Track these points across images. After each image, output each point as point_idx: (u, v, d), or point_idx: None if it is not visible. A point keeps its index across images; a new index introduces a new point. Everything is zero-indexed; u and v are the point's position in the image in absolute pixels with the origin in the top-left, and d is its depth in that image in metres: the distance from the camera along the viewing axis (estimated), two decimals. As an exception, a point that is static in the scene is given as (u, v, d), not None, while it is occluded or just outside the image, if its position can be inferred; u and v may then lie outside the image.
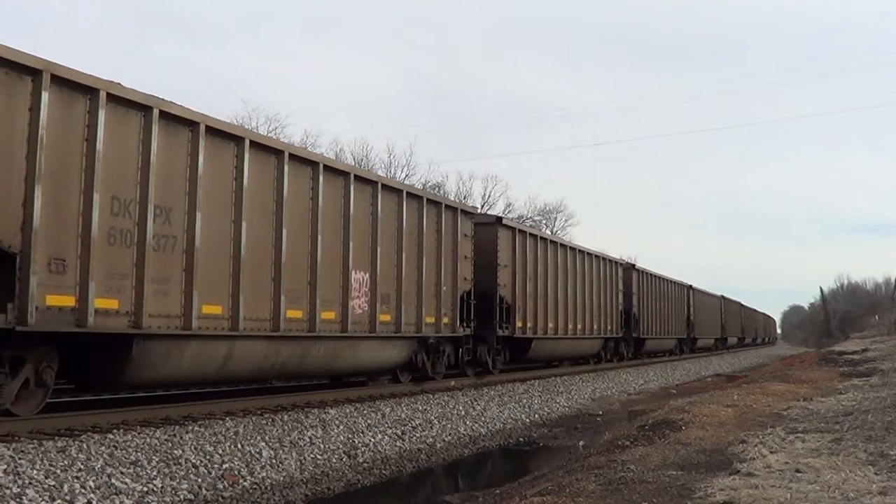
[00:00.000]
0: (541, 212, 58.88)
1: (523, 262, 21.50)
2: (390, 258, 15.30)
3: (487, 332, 19.54)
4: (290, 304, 12.42)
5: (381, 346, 15.25)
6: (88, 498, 7.75)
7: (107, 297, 9.41)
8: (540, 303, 22.59)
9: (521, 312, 21.09)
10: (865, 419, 10.10)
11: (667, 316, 39.32)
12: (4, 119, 8.42)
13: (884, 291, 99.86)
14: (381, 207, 14.96)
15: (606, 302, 29.36)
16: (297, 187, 12.71)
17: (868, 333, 64.07)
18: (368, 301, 14.53)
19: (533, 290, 22.10)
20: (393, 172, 46.85)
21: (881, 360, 23.93)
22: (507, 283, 20.36)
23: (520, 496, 7.44)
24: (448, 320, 17.43)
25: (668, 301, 39.78)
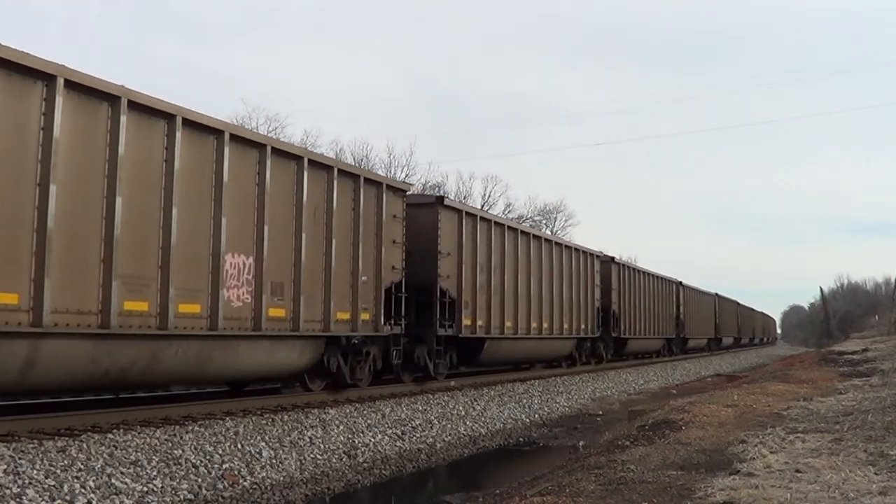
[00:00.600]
0: (541, 212, 58.84)
1: (472, 251, 18.67)
2: (284, 240, 12.53)
3: (426, 332, 16.83)
4: (130, 294, 9.83)
5: (272, 347, 12.46)
6: (88, 498, 7.75)
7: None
8: (495, 298, 19.68)
9: (470, 309, 18.37)
10: (865, 419, 10.10)
11: (653, 314, 36.53)
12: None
13: (884, 291, 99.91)
14: (270, 176, 12.05)
15: (581, 298, 26.50)
16: (142, 144, 10.06)
17: (868, 333, 64.09)
18: (252, 291, 11.76)
19: (485, 283, 19.24)
20: (393, 172, 46.85)
21: (881, 360, 23.93)
22: (451, 275, 17.62)
23: (520, 496, 7.44)
24: (369, 317, 14.63)
25: (655, 298, 37.12)
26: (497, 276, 19.92)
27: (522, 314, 21.32)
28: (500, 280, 20.10)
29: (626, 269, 33.05)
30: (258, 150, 12.06)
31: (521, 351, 22.75)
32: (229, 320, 11.35)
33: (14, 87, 8.64)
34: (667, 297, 39.69)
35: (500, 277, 20.11)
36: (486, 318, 19.23)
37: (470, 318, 18.35)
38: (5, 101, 8.55)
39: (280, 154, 12.54)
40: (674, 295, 41.16)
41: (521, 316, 21.24)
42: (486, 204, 52.01)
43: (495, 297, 19.73)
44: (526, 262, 21.84)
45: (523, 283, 21.49)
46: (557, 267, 24.29)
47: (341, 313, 13.86)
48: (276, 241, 12.28)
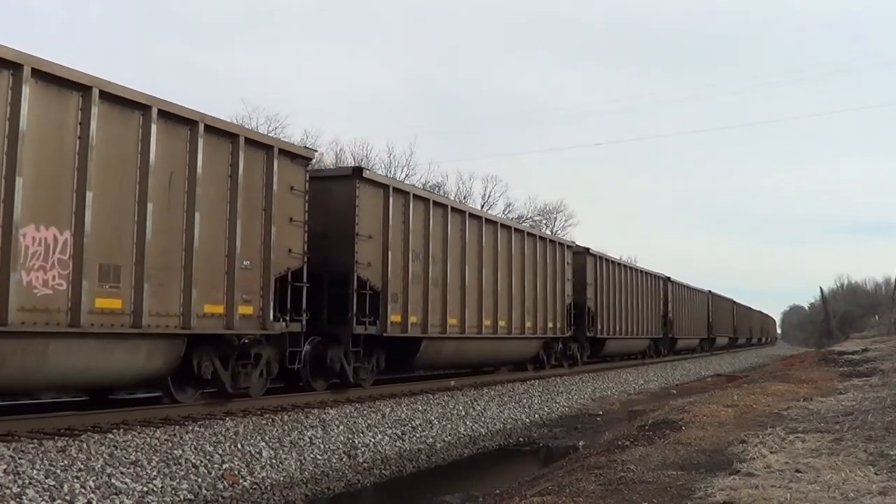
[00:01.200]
0: (541, 212, 58.76)
1: (403, 234, 15.79)
2: (120, 210, 9.92)
3: (340, 330, 14.22)
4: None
5: (103, 348, 9.83)
6: (88, 498, 7.75)
7: None
8: (434, 291, 16.75)
9: (400, 303, 15.53)
10: (865, 419, 10.10)
11: (636, 312, 33.15)
12: None
13: (884, 291, 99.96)
14: (98, 128, 9.48)
15: (549, 293, 23.33)
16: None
17: (868, 333, 64.08)
18: (68, 276, 9.19)
19: (422, 273, 16.34)
20: (393, 172, 46.86)
21: (881, 360, 23.93)
22: (374, 261, 14.76)
23: (520, 496, 7.44)
24: (252, 310, 11.84)
25: (638, 295, 33.59)
26: (437, 266, 16.98)
27: (472, 311, 18.45)
28: (442, 270, 17.19)
29: (604, 261, 29.64)
30: (80, 94, 9.38)
31: (471, 352, 19.51)
32: (29, 312, 8.72)
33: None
34: (653, 294, 36.43)
35: (442, 267, 17.19)
36: (422, 314, 16.27)
37: (399, 315, 15.48)
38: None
39: (114, 100, 9.75)
40: (661, 292, 38.03)
41: (471, 313, 18.38)
42: (486, 204, 52.01)
43: (434, 289, 16.76)
44: (477, 250, 18.92)
45: (473, 275, 18.59)
46: (518, 257, 21.27)
47: (210, 306, 11.07)
48: (106, 212, 9.63)
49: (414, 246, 16.13)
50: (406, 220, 15.92)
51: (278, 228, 12.34)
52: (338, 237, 14.17)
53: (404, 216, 15.87)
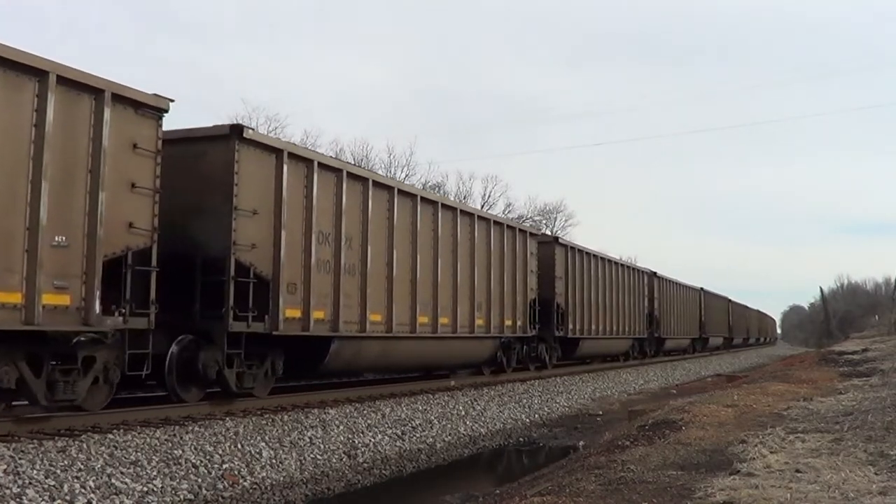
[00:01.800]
0: (541, 212, 58.74)
1: (304, 211, 12.92)
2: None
3: (214, 327, 11.46)
4: None
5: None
6: (88, 498, 7.75)
7: None
8: (350, 282, 13.87)
9: (300, 295, 12.70)
10: (865, 419, 10.11)
11: (616, 310, 29.91)
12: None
13: (884, 291, 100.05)
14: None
15: (507, 287, 20.18)
16: None
17: (868, 333, 64.19)
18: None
19: (332, 258, 13.49)
20: (393, 172, 46.85)
21: (881, 360, 23.95)
22: (261, 243, 11.92)
23: (520, 496, 7.44)
24: (70, 300, 9.24)
25: (619, 291, 30.50)
26: (354, 252, 14.23)
27: (402, 306, 15.52)
28: (361, 257, 14.35)
29: (578, 253, 26.43)
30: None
31: (404, 356, 16.51)
32: None
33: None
34: (637, 291, 33.46)
35: (361, 253, 14.38)
36: (332, 309, 13.51)
37: (299, 309, 12.74)
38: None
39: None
40: (646, 288, 34.84)
41: (401, 308, 15.44)
42: (486, 204, 52.02)
43: (350, 279, 13.94)
44: (409, 234, 16.00)
45: (404, 264, 15.70)
46: (466, 244, 18.36)
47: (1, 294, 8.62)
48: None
49: (320, 226, 13.21)
50: (309, 195, 12.97)
51: (112, 196, 9.70)
52: (212, 212, 11.40)
53: (306, 189, 12.95)
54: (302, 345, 13.11)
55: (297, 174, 12.88)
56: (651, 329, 35.69)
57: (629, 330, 32.05)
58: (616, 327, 30.11)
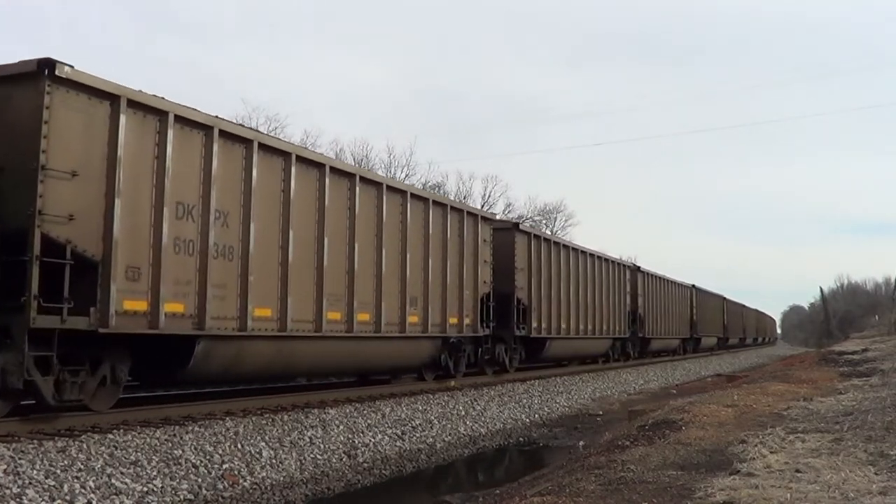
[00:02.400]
0: (541, 212, 58.78)
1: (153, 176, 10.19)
2: None
3: (13, 321, 8.75)
4: None
5: None
6: (88, 498, 7.75)
7: None
8: (224, 267, 11.18)
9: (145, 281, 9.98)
10: (865, 419, 10.11)
11: (588, 307, 26.89)
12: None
13: (884, 291, 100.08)
14: None
15: (451, 279, 17.43)
16: None
17: (868, 333, 64.18)
18: None
19: (197, 237, 10.77)
20: (393, 172, 46.85)
21: (881, 360, 23.94)
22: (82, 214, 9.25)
23: (520, 496, 7.44)
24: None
25: (592, 286, 27.51)
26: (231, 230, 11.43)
27: (303, 299, 12.83)
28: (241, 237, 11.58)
29: (543, 242, 23.66)
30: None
31: (307, 359, 13.71)
32: None
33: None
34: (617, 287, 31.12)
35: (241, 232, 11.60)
36: (196, 300, 10.77)
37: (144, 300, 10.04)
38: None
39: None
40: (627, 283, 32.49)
41: (301, 302, 12.75)
42: (486, 204, 51.99)
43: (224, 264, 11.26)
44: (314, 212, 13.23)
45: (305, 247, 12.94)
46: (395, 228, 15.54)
47: None
48: None
49: (176, 195, 10.46)
50: (161, 155, 10.26)
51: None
52: (15, 172, 8.93)
53: (157, 148, 10.25)
54: (157, 346, 10.58)
55: (144, 128, 10.04)
56: (634, 328, 33.11)
57: (608, 329, 29.28)
58: (592, 326, 27.28)
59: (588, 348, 28.69)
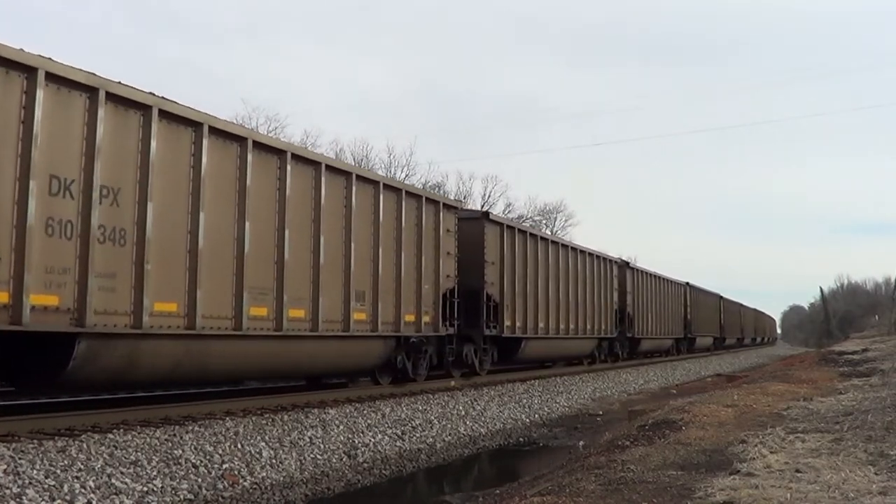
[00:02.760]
0: (541, 212, 58.84)
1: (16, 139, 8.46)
2: None
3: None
4: None
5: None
6: (88, 498, 7.75)
7: None
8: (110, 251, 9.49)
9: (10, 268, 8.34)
10: (865, 419, 10.10)
11: (570, 304, 25.36)
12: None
13: (884, 291, 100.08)
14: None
15: (411, 272, 15.99)
16: None
17: (868, 333, 64.21)
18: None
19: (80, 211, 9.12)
20: (393, 172, 46.85)
21: (881, 360, 23.94)
22: None
23: (520, 496, 7.44)
24: None
25: (575, 282, 25.99)
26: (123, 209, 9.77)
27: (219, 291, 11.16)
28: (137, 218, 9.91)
29: (519, 234, 21.94)
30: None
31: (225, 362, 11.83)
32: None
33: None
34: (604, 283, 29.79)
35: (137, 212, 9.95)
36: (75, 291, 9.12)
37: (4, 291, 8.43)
38: None
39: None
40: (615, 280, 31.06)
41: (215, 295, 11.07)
42: (486, 204, 52.01)
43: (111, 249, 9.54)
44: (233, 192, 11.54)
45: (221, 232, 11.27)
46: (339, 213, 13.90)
47: None
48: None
49: (54, 169, 8.93)
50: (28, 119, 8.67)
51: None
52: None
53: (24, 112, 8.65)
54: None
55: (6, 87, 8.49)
56: (623, 328, 31.70)
57: (593, 328, 27.73)
58: (574, 325, 25.71)
59: (570, 349, 27.10)
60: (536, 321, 22.50)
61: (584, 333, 26.92)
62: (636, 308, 33.21)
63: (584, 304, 26.73)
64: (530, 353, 22.92)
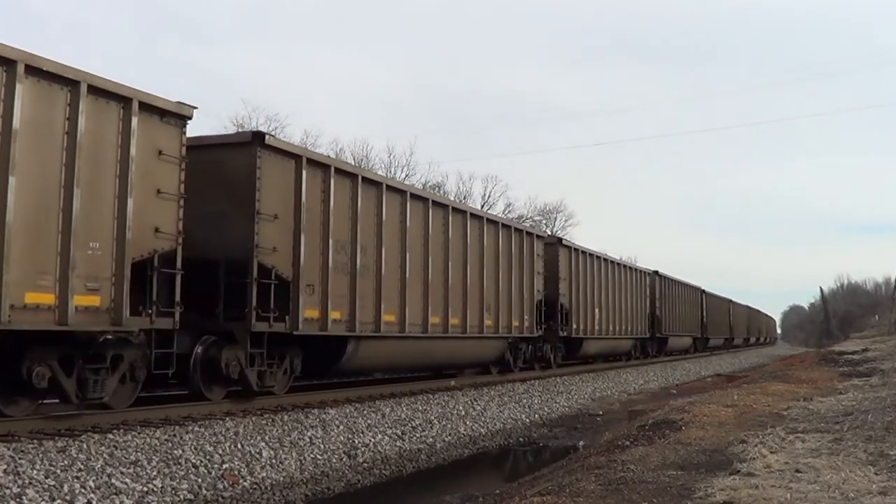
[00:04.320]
0: (541, 212, 58.78)
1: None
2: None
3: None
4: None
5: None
6: (88, 498, 7.75)
7: None
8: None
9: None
10: (865, 419, 10.10)
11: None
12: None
13: (884, 291, 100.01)
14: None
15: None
16: None
17: (868, 333, 64.18)
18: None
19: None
20: (393, 172, 46.84)
21: (881, 360, 23.93)
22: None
23: (520, 496, 7.44)
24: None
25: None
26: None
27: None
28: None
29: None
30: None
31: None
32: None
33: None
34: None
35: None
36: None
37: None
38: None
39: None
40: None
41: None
42: (486, 204, 52.01)
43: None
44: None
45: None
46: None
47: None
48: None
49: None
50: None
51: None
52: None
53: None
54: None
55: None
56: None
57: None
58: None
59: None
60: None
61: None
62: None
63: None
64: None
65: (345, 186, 14.01)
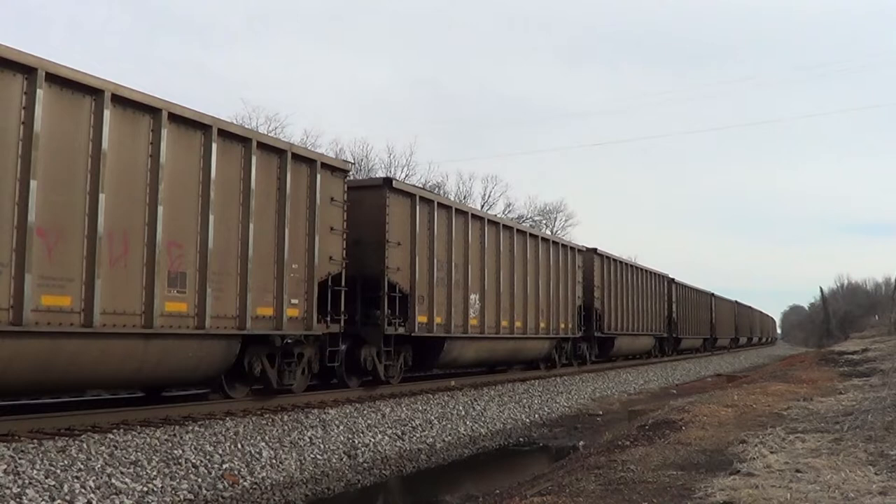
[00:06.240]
0: (541, 212, 58.81)
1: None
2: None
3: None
4: None
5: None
6: (88, 498, 7.75)
7: None
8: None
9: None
10: (865, 419, 10.11)
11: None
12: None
13: (884, 291, 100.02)
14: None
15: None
16: None
17: (868, 333, 64.20)
18: None
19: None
20: (393, 172, 46.81)
21: (881, 360, 23.95)
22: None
23: (520, 496, 7.43)
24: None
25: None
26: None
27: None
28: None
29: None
30: None
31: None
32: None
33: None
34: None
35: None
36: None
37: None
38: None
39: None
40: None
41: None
42: (486, 204, 52.02)
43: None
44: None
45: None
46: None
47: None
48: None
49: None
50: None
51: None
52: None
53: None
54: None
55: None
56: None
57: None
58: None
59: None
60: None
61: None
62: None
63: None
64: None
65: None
